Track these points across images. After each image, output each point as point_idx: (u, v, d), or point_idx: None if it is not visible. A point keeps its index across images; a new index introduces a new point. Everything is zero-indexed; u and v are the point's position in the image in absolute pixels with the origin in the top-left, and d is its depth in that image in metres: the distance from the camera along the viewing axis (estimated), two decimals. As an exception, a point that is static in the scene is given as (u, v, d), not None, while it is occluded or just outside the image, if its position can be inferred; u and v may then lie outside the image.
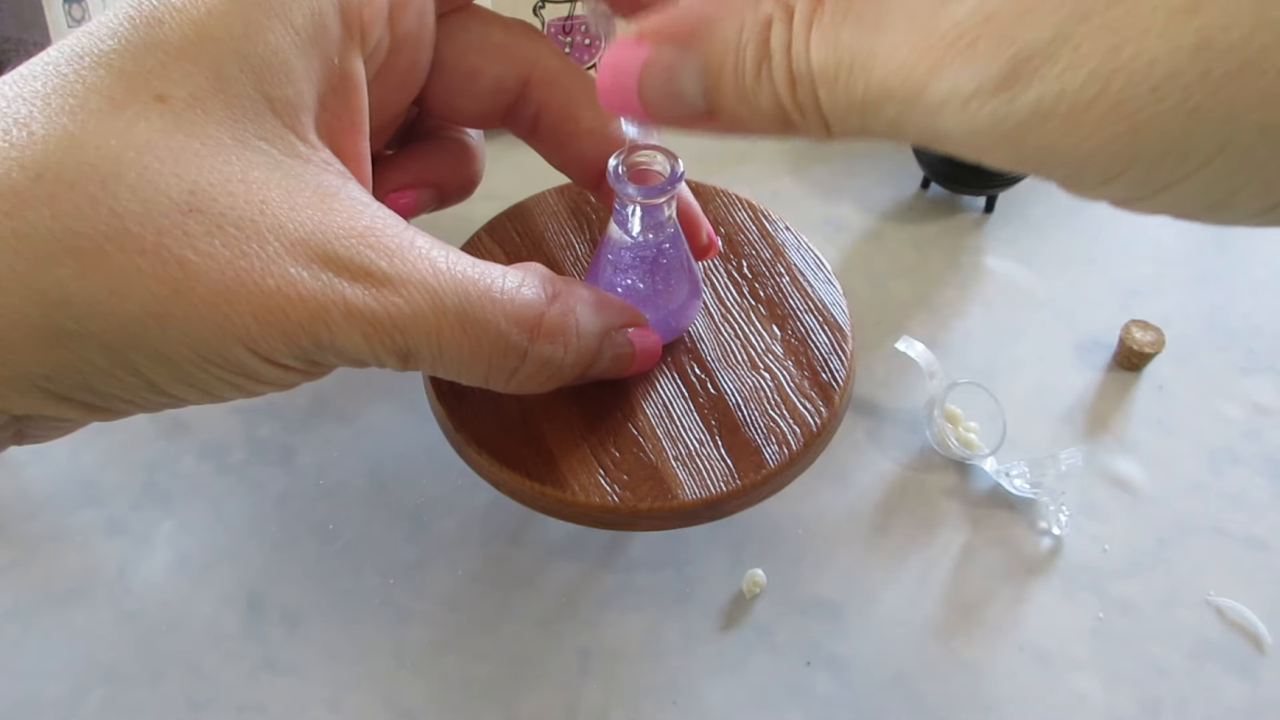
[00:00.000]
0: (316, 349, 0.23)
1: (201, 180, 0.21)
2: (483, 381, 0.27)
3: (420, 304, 0.23)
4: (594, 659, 0.33)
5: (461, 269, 0.25)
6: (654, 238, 0.31)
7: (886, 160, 0.47)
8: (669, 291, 0.32)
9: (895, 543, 0.35)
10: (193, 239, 0.21)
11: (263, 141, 0.23)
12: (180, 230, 0.21)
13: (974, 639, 0.33)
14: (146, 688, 0.33)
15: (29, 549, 0.35)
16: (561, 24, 0.47)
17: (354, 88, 0.25)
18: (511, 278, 0.26)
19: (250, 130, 0.22)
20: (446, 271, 0.24)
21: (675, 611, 0.34)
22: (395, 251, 0.23)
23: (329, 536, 0.36)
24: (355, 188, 0.24)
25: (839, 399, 0.33)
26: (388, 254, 0.23)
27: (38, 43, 0.45)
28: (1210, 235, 0.44)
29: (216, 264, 0.21)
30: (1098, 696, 0.32)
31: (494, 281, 0.25)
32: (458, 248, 0.36)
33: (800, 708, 0.32)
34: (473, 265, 0.25)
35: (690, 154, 0.48)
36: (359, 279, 0.23)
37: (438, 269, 0.24)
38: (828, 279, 0.36)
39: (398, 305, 0.23)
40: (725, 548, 0.35)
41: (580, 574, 0.35)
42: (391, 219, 0.24)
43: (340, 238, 0.23)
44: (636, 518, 0.31)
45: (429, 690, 0.33)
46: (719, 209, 0.37)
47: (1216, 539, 0.36)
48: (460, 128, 0.33)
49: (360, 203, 0.24)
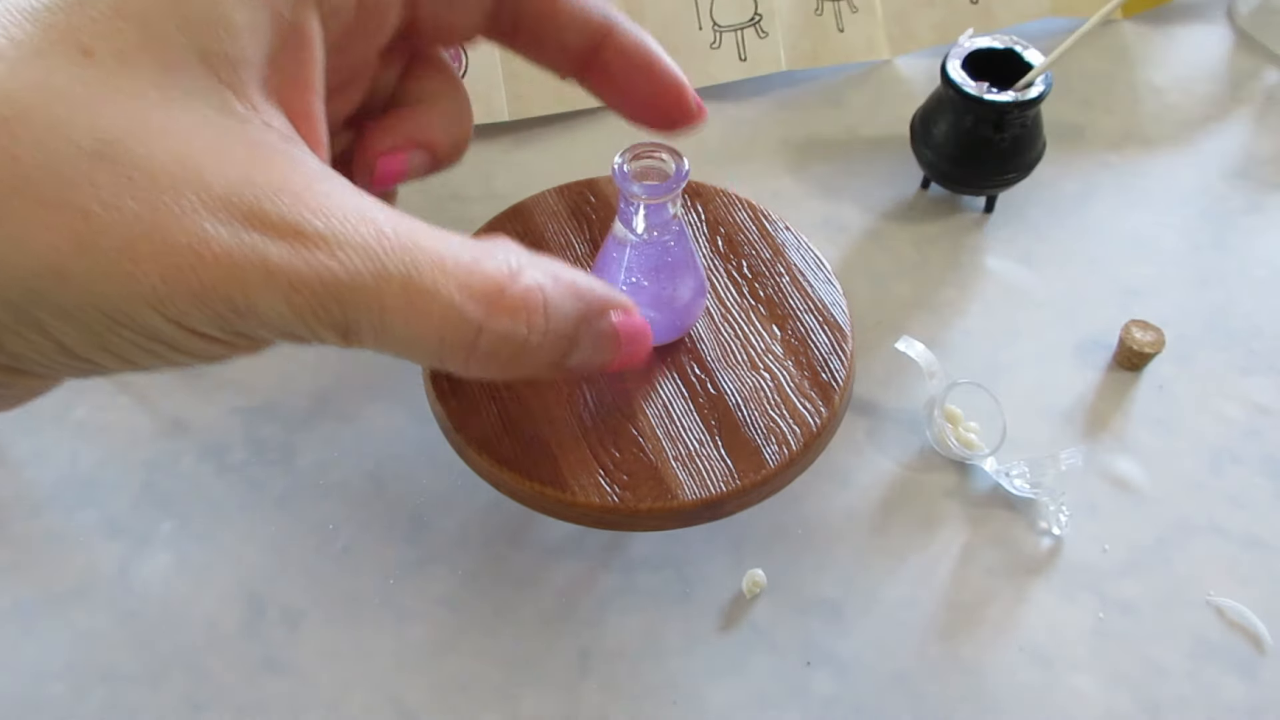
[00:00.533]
0: (235, 315, 0.21)
1: (115, 129, 0.20)
2: (437, 362, 0.24)
3: (359, 269, 0.21)
4: (594, 659, 0.33)
5: (411, 235, 0.22)
6: (659, 236, 0.31)
7: (886, 160, 0.47)
8: (675, 290, 0.32)
9: (895, 543, 0.35)
10: (99, 190, 0.20)
11: (194, 99, 0.21)
12: (87, 181, 0.19)
13: (974, 639, 0.33)
14: (146, 688, 0.33)
15: (29, 549, 0.35)
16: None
17: (305, 43, 0.24)
18: (470, 248, 0.23)
19: (181, 86, 0.21)
20: (393, 236, 0.22)
21: (675, 611, 0.34)
22: (333, 211, 0.21)
23: (329, 536, 0.36)
24: (300, 148, 0.23)
25: (839, 399, 0.33)
26: (324, 214, 0.21)
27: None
28: (1210, 235, 0.44)
29: (123, 217, 0.20)
30: (1098, 696, 0.32)
31: (448, 249, 0.23)
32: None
33: (800, 708, 0.32)
34: (427, 232, 0.23)
35: (690, 154, 0.48)
36: (286, 237, 0.21)
37: (383, 232, 0.22)
38: (828, 279, 0.36)
39: (331, 269, 0.21)
40: (725, 548, 0.35)
41: (580, 574, 0.35)
42: (337, 181, 0.22)
43: (270, 194, 0.21)
44: (636, 518, 0.31)
45: (429, 690, 0.33)
46: (719, 209, 0.37)
47: (1216, 539, 0.36)
48: (449, 78, 0.31)
49: (299, 161, 0.22)
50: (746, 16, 0.49)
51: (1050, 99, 0.40)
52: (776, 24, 0.49)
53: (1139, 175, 0.47)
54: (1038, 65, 0.40)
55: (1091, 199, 0.46)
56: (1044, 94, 0.40)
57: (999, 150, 0.41)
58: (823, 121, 0.48)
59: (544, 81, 0.47)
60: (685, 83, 0.30)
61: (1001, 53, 0.41)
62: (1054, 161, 0.45)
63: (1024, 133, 0.41)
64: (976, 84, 0.40)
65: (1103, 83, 0.50)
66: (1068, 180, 0.46)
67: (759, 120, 0.48)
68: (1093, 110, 0.49)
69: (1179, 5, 0.53)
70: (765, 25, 0.49)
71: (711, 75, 0.49)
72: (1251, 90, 0.50)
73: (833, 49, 0.50)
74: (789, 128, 0.48)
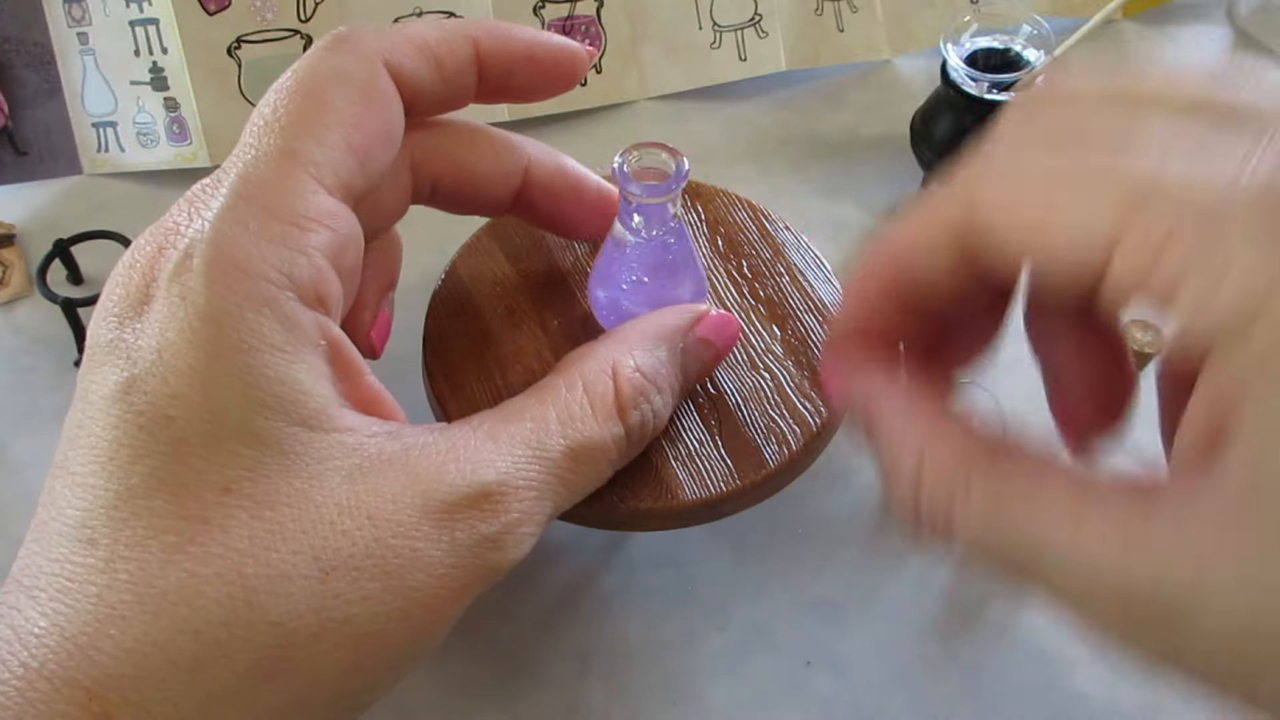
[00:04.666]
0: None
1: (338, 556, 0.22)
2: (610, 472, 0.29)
3: (534, 478, 0.25)
4: (594, 659, 0.33)
5: (524, 436, 0.26)
6: (659, 235, 0.31)
7: (887, 160, 0.47)
8: (675, 289, 0.32)
9: (895, 543, 0.35)
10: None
11: (319, 465, 0.23)
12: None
13: (974, 639, 0.33)
14: (146, 688, 0.32)
15: (29, 549, 0.35)
16: (561, 24, 0.47)
17: (340, 348, 0.25)
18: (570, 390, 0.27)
19: (310, 468, 0.23)
20: (521, 446, 0.25)
21: (675, 611, 0.34)
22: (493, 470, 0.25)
23: (329, 536, 0.36)
24: (401, 430, 0.25)
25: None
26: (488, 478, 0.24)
27: (38, 43, 0.45)
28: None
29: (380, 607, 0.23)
30: (1098, 696, 0.32)
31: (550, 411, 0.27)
32: (458, 248, 0.36)
33: (800, 708, 0.32)
34: (533, 413, 0.26)
35: (690, 154, 0.48)
36: (482, 520, 0.24)
37: (517, 451, 0.25)
38: (828, 279, 0.36)
39: (521, 509, 0.25)
40: (725, 548, 0.35)
41: (580, 574, 0.35)
42: (456, 433, 0.25)
43: (448, 490, 0.24)
44: (636, 518, 0.31)
45: (429, 690, 0.33)
46: (719, 209, 0.37)
47: (1216, 539, 0.36)
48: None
49: (421, 446, 0.24)
50: (746, 16, 0.49)
51: (1050, 99, 0.40)
52: (776, 24, 0.49)
53: (1139, 175, 0.46)
54: (1038, 65, 0.40)
55: (1091, 199, 0.46)
56: (1044, 94, 0.40)
57: (999, 150, 0.41)
58: (823, 121, 0.48)
59: (544, 81, 0.47)
60: (608, 189, 0.33)
61: (1001, 52, 0.41)
62: (1054, 161, 0.45)
63: (1024, 133, 0.41)
64: (976, 84, 0.40)
65: (1103, 83, 0.50)
66: (1068, 180, 0.46)
67: (759, 120, 0.48)
68: (1093, 110, 0.49)
69: (1179, 5, 0.53)
70: (765, 25, 0.49)
71: (711, 75, 0.49)
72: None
73: (833, 49, 0.50)
74: (789, 128, 0.48)
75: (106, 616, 0.20)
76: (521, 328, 0.34)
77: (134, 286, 0.24)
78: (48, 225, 0.44)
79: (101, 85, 0.45)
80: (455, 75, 0.28)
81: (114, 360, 0.23)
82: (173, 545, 0.21)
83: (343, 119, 0.25)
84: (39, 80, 0.45)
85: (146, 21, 0.44)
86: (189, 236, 0.23)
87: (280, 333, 0.23)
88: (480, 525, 0.24)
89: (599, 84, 0.48)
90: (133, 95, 0.45)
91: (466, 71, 0.28)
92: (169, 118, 0.45)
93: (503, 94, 0.30)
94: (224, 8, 0.44)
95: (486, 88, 0.29)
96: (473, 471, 0.24)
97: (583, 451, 0.26)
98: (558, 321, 0.34)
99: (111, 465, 0.22)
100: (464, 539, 0.23)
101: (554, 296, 0.35)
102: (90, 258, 0.42)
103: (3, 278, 0.42)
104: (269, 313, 0.23)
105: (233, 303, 0.22)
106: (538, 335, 0.34)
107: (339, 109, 0.25)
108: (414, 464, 0.24)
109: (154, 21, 0.44)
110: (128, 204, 0.45)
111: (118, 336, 0.23)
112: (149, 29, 0.45)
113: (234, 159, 0.25)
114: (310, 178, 0.24)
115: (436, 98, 0.28)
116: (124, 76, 0.45)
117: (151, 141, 0.45)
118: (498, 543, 0.24)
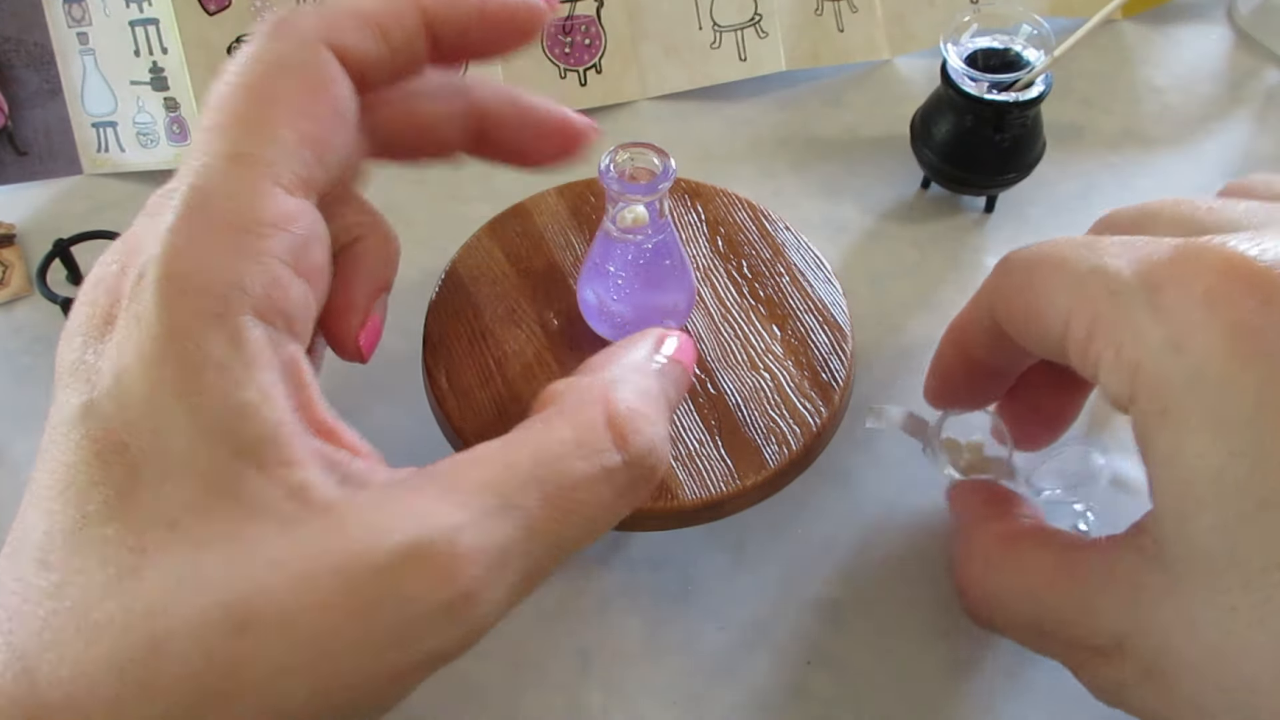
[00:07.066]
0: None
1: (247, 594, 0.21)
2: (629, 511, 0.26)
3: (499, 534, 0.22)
4: (594, 659, 0.33)
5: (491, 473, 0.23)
6: (648, 235, 0.31)
7: (886, 160, 0.47)
8: (662, 289, 0.32)
9: (896, 543, 0.35)
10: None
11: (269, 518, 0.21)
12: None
13: (974, 639, 0.33)
14: (146, 688, 0.32)
15: (29, 549, 0.35)
16: (561, 24, 0.47)
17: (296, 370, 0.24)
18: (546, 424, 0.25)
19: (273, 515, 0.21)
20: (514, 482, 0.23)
21: (675, 611, 0.34)
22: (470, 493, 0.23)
23: (329, 536, 0.36)
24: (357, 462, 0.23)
25: (839, 399, 0.33)
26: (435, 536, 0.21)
27: (38, 43, 0.45)
28: (1210, 235, 0.44)
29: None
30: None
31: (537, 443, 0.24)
32: (458, 248, 0.36)
33: (800, 708, 0.32)
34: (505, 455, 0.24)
35: (690, 154, 0.48)
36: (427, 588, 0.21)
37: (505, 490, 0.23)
38: (828, 279, 0.36)
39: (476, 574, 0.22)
40: (725, 548, 0.35)
41: (580, 574, 0.35)
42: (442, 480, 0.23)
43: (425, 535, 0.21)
44: (636, 518, 0.31)
45: (429, 690, 0.32)
46: (719, 209, 0.37)
47: (1216, 539, 0.36)
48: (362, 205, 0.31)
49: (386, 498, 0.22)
50: (746, 16, 0.49)
51: (1050, 99, 0.40)
52: (776, 24, 0.49)
53: (1139, 175, 0.47)
54: (1038, 65, 0.40)
55: (1092, 199, 0.46)
56: (1044, 94, 0.40)
57: (999, 150, 0.41)
58: (823, 121, 0.48)
59: (543, 83, 0.47)
60: (563, 109, 0.30)
61: (1001, 53, 0.41)
62: (1054, 161, 0.45)
63: (1024, 133, 0.41)
64: (976, 84, 0.40)
65: (1103, 83, 0.50)
66: (1068, 180, 0.46)
67: (759, 120, 0.48)
68: (1093, 110, 0.49)
69: (1179, 5, 0.53)
70: (765, 25, 0.49)
71: (711, 75, 0.49)
72: (1251, 90, 0.50)
73: (833, 49, 0.50)
74: (789, 128, 0.48)
75: (49, 641, 0.20)
76: (521, 327, 0.34)
77: (99, 306, 0.23)
78: (48, 225, 0.44)
79: (101, 85, 0.45)
80: (403, 44, 0.26)
81: (76, 383, 0.22)
82: (114, 576, 0.20)
83: (291, 110, 0.24)
84: (39, 80, 0.45)
85: (146, 21, 0.45)
86: (146, 252, 0.22)
87: (228, 352, 0.22)
88: (426, 594, 0.21)
89: (599, 84, 0.48)
90: (133, 95, 0.45)
91: (415, 38, 0.27)
92: (169, 118, 0.45)
93: (460, 53, 0.28)
94: (224, 8, 0.44)
95: (442, 50, 0.27)
96: (418, 528, 0.21)
97: (567, 496, 0.23)
98: (558, 321, 0.34)
99: (70, 491, 0.21)
100: (400, 613, 0.21)
101: (554, 296, 0.35)
102: (90, 258, 0.41)
103: (3, 278, 0.42)
104: (216, 331, 0.21)
105: (180, 322, 0.21)
106: (538, 335, 0.34)
107: (285, 100, 0.24)
108: (353, 517, 0.21)
109: (154, 21, 0.44)
110: (128, 204, 0.45)
111: (80, 358, 0.22)
112: (149, 29, 0.45)
113: (186, 165, 0.23)
114: (264, 179, 0.23)
115: (386, 69, 0.27)
116: (124, 76, 0.45)
117: (151, 141, 0.45)
118: (451, 614, 0.21)
